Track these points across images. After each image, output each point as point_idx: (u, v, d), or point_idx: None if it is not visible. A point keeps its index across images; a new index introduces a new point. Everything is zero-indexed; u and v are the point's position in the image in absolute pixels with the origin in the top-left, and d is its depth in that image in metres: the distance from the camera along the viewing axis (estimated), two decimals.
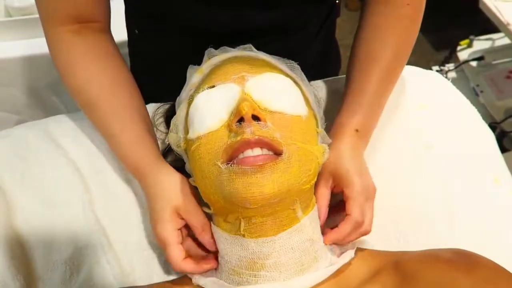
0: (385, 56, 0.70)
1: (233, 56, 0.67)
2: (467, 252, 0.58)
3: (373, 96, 0.70)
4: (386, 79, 0.71)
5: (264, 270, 0.57)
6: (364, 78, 0.70)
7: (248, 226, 0.58)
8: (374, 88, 0.70)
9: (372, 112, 0.70)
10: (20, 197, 0.69)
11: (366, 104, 0.69)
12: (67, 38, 0.68)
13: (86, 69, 0.68)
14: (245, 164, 0.54)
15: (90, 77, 0.68)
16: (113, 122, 0.68)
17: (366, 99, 0.69)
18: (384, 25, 0.71)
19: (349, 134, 0.68)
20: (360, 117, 0.69)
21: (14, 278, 0.64)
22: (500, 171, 0.76)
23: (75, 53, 0.68)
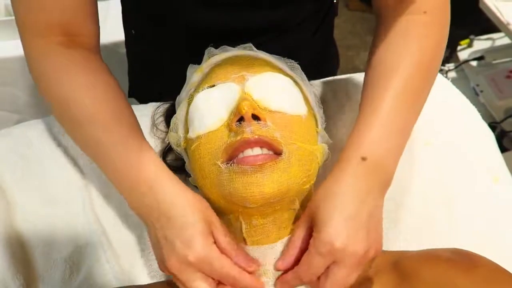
0: (401, 70, 0.58)
1: (233, 55, 0.67)
2: (466, 252, 0.58)
3: (388, 116, 0.56)
4: (405, 97, 0.58)
5: (266, 276, 0.57)
6: (377, 96, 0.57)
7: (248, 228, 0.57)
8: (389, 107, 0.56)
9: (388, 136, 0.56)
10: (20, 196, 0.69)
11: (378, 126, 0.56)
12: (50, 50, 0.60)
13: (72, 84, 0.59)
14: (245, 163, 0.54)
15: (78, 93, 0.59)
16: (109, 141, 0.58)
17: (379, 120, 0.56)
18: (398, 38, 0.60)
19: (352, 163, 0.54)
20: (369, 143, 0.55)
21: (14, 277, 0.64)
22: (499, 170, 0.76)
23: (59, 66, 0.60)
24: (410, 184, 0.74)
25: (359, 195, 0.52)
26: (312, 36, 0.85)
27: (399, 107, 0.57)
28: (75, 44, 0.61)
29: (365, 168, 0.54)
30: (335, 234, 0.50)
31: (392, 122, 0.56)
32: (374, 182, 0.54)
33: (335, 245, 0.49)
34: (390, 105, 0.57)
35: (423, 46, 0.60)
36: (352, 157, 0.54)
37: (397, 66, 0.58)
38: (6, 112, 1.26)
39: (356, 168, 0.54)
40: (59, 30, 0.59)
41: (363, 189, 0.53)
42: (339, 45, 1.01)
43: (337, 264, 0.51)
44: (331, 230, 0.50)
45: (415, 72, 0.59)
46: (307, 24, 0.82)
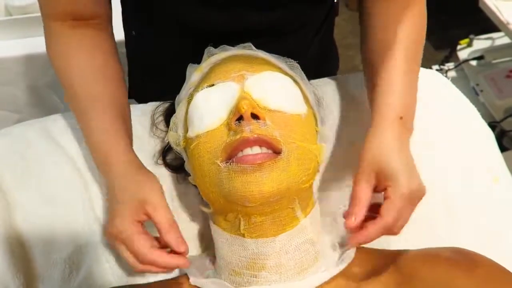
0: (404, 38, 0.66)
1: (233, 54, 0.67)
2: (467, 251, 0.58)
3: (403, 80, 0.65)
4: (412, 60, 0.67)
5: (265, 270, 0.57)
6: (388, 67, 0.65)
7: (247, 226, 0.58)
8: (404, 69, 0.65)
9: (410, 96, 0.65)
10: (20, 195, 0.69)
11: (400, 90, 0.64)
12: (61, 31, 0.67)
13: (76, 57, 0.67)
14: (244, 162, 0.54)
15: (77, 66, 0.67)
16: (88, 109, 0.66)
17: (398, 86, 0.64)
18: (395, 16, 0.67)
19: (394, 122, 0.61)
20: (400, 104, 0.63)
21: (14, 277, 0.64)
22: (499, 170, 0.76)
23: (67, 44, 0.68)
24: None
25: (404, 146, 0.61)
26: (312, 37, 0.85)
27: (410, 69, 0.66)
28: (87, 25, 0.68)
29: (403, 125, 0.62)
30: (409, 180, 0.57)
31: (409, 83, 0.66)
32: (407, 134, 0.63)
33: (413, 188, 0.57)
34: (404, 68, 0.65)
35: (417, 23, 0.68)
36: (393, 117, 0.62)
37: (399, 38, 0.66)
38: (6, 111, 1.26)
39: (398, 126, 0.62)
40: (72, 16, 0.67)
41: (404, 141, 0.62)
42: (339, 44, 1.01)
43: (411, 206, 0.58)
44: (404, 177, 0.57)
45: (414, 41, 0.68)
46: (308, 26, 0.83)
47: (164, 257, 0.58)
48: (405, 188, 0.56)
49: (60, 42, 0.68)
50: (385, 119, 0.62)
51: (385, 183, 0.58)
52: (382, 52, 0.66)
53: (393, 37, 0.66)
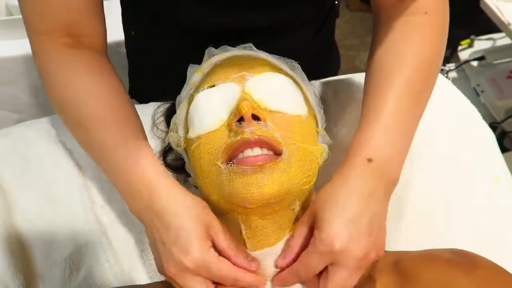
0: (403, 70, 0.58)
1: (233, 55, 0.66)
2: (466, 252, 0.58)
3: (392, 117, 0.56)
4: (408, 99, 0.57)
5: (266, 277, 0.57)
6: (379, 99, 0.57)
7: (249, 231, 0.57)
8: (392, 108, 0.56)
9: (393, 139, 0.56)
10: (20, 195, 0.69)
11: (382, 128, 0.55)
12: (56, 50, 0.61)
13: (76, 84, 0.60)
14: (245, 164, 0.54)
15: (82, 93, 0.60)
16: (111, 142, 0.58)
17: (383, 122, 0.56)
18: (399, 39, 0.60)
19: (358, 164, 0.53)
20: (375, 144, 0.55)
21: (14, 277, 0.64)
22: (500, 171, 0.76)
23: (64, 66, 0.61)
24: (411, 185, 0.74)
25: (363, 197, 0.52)
26: (313, 38, 0.85)
27: (402, 109, 0.57)
28: (81, 44, 0.62)
29: (371, 170, 0.53)
30: (335, 235, 0.50)
31: (396, 124, 0.56)
32: (379, 184, 0.53)
33: (335, 246, 0.49)
34: (393, 106, 0.56)
35: (424, 48, 0.60)
36: (357, 158, 0.54)
37: (399, 68, 0.58)
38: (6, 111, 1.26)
39: (362, 170, 0.53)
40: (65, 31, 0.61)
41: (367, 191, 0.52)
42: (339, 45, 1.01)
43: (336, 266, 0.50)
44: (332, 230, 0.50)
45: (417, 74, 0.58)
46: (308, 26, 0.82)
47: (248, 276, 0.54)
48: (327, 245, 0.49)
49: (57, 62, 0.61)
50: (349, 160, 0.55)
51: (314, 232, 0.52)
52: (379, 73, 0.59)
53: (394, 65, 0.58)
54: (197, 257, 0.51)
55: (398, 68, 0.58)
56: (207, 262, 0.51)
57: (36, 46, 0.62)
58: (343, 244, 0.49)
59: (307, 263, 0.52)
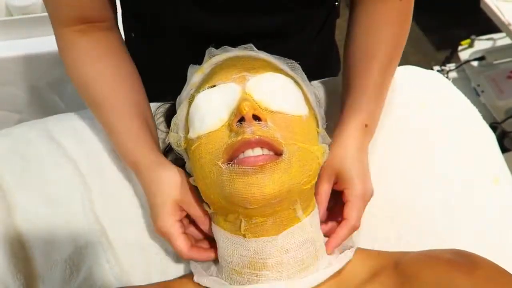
0: (382, 51, 0.70)
1: (234, 55, 0.66)
2: (467, 253, 0.58)
3: (375, 90, 0.69)
4: (386, 72, 0.71)
5: (266, 269, 0.57)
6: (365, 74, 0.70)
7: (248, 226, 0.58)
8: (375, 82, 0.69)
9: (376, 106, 0.70)
10: (21, 196, 0.69)
11: (371, 99, 0.69)
12: (72, 38, 0.69)
13: (90, 66, 0.69)
14: (246, 164, 0.54)
15: (94, 74, 0.69)
16: (114, 119, 0.69)
17: (370, 94, 0.69)
18: (379, 22, 0.71)
19: (358, 129, 0.67)
20: (367, 112, 0.68)
21: (14, 277, 0.64)
22: (500, 171, 0.76)
23: (80, 52, 0.69)
24: (411, 185, 0.74)
25: (364, 152, 0.67)
26: (313, 38, 0.85)
27: (382, 82, 0.71)
28: (95, 28, 0.70)
29: (366, 132, 0.68)
30: (364, 183, 0.64)
31: (379, 93, 0.70)
32: (367, 142, 0.69)
33: (367, 190, 0.64)
34: (376, 80, 0.70)
35: (399, 30, 0.72)
36: (358, 124, 0.67)
37: (379, 47, 0.70)
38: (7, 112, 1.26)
39: (361, 132, 0.67)
40: (80, 20, 0.68)
41: (364, 147, 0.67)
42: (340, 45, 1.00)
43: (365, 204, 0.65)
44: (359, 181, 0.63)
45: (393, 52, 0.71)
46: (308, 29, 0.83)
47: (200, 254, 0.63)
48: (360, 190, 0.63)
49: (73, 50, 0.69)
50: (351, 127, 0.67)
51: (343, 184, 0.64)
52: (361, 59, 0.71)
53: (372, 46, 0.71)
54: (161, 227, 0.63)
55: (377, 49, 0.70)
56: (168, 233, 0.63)
57: (57, 34, 0.70)
58: (370, 187, 0.65)
59: (358, 211, 0.63)
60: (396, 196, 0.73)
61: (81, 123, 0.77)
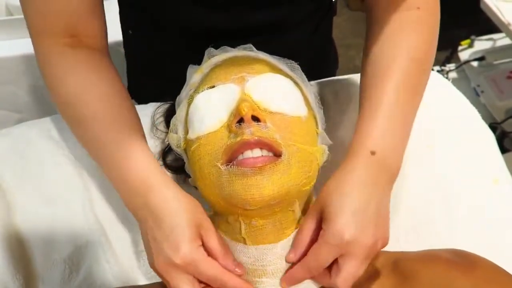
0: (400, 63, 0.60)
1: (233, 56, 0.66)
2: (466, 253, 0.58)
3: (391, 109, 0.58)
4: (406, 90, 0.59)
5: (265, 276, 0.57)
6: (378, 91, 0.59)
7: (248, 230, 0.57)
8: (391, 100, 0.58)
9: (394, 131, 0.57)
10: (20, 195, 0.69)
11: (383, 120, 0.57)
12: (57, 50, 0.63)
13: (76, 82, 0.62)
14: (245, 165, 0.54)
15: (81, 91, 0.62)
16: (109, 139, 0.60)
17: (383, 114, 0.57)
18: (394, 33, 0.62)
19: (362, 157, 0.55)
20: (377, 136, 0.56)
21: (13, 277, 0.64)
22: (500, 171, 0.76)
23: (65, 66, 0.63)
24: (411, 185, 0.74)
25: (368, 188, 0.54)
26: (311, 35, 0.85)
27: (400, 101, 0.59)
28: (81, 43, 0.63)
29: (374, 162, 0.55)
30: (344, 226, 0.51)
31: (395, 115, 0.58)
32: (382, 175, 0.55)
33: (345, 237, 0.50)
34: (392, 98, 0.58)
35: (418, 41, 0.62)
36: (361, 151, 0.56)
37: (395, 61, 0.60)
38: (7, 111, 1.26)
39: (365, 162, 0.55)
40: (65, 32, 0.62)
41: (371, 182, 0.54)
42: (339, 44, 1.01)
43: (347, 257, 0.51)
44: (341, 222, 0.51)
45: (413, 66, 0.60)
46: (306, 24, 0.82)
47: (234, 279, 0.54)
48: (336, 236, 0.51)
49: (58, 63, 0.63)
50: (352, 155, 0.56)
51: (323, 223, 0.53)
52: (373, 75, 0.61)
53: (387, 60, 0.60)
54: (186, 254, 0.52)
55: (394, 61, 0.60)
56: (195, 260, 0.52)
57: (37, 47, 0.63)
58: (352, 235, 0.50)
59: (318, 256, 0.52)
60: (396, 196, 0.72)
61: None
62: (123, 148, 0.59)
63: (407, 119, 0.60)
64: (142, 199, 0.56)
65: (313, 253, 0.53)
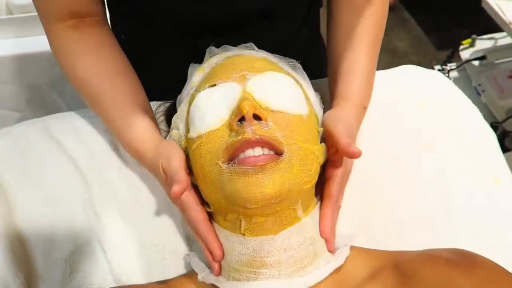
0: (368, 31, 0.71)
1: (234, 54, 0.66)
2: (467, 252, 0.58)
3: (366, 72, 0.71)
4: (374, 54, 0.72)
5: (264, 268, 0.57)
6: (354, 56, 0.70)
7: (248, 226, 0.58)
8: (366, 63, 0.71)
9: (368, 89, 0.71)
10: (21, 195, 0.69)
11: (363, 81, 0.70)
12: (64, 34, 0.69)
13: (84, 60, 0.69)
14: (246, 164, 0.54)
15: (89, 68, 0.69)
16: (114, 110, 0.69)
17: (362, 76, 0.70)
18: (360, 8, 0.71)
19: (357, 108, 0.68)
20: (364, 94, 0.70)
21: (14, 276, 0.64)
22: (501, 171, 0.76)
23: (72, 47, 0.69)
24: (411, 184, 0.74)
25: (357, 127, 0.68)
26: (300, 26, 0.86)
27: (371, 63, 0.72)
28: (86, 24, 0.70)
29: (363, 113, 0.70)
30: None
31: (370, 76, 0.72)
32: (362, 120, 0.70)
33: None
34: (366, 62, 0.71)
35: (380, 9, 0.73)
36: (358, 104, 0.68)
37: (364, 29, 0.71)
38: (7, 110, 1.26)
39: (359, 113, 0.69)
40: (70, 16, 0.69)
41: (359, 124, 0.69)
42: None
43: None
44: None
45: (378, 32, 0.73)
46: (295, 13, 0.83)
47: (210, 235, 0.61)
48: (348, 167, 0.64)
49: (66, 46, 0.70)
50: (351, 103, 0.68)
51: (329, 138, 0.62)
52: (346, 41, 0.71)
53: (358, 26, 0.71)
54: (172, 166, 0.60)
55: (363, 26, 0.71)
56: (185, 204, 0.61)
57: (47, 31, 0.70)
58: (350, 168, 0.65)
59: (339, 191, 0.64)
60: (396, 196, 0.73)
61: (81, 122, 0.77)
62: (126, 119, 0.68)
63: (373, 77, 0.73)
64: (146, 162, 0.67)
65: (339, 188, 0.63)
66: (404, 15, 2.44)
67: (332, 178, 0.62)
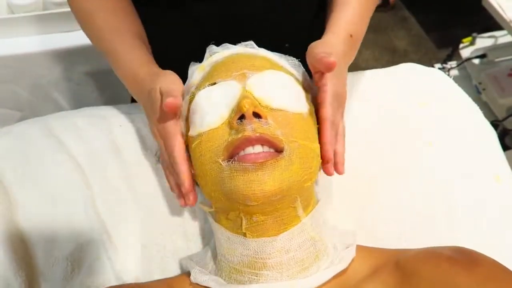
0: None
1: (234, 53, 0.67)
2: (467, 250, 0.58)
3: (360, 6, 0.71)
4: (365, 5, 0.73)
5: (266, 269, 0.57)
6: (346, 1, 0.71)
7: (249, 225, 0.58)
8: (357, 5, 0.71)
9: (361, 22, 0.71)
10: (22, 193, 0.69)
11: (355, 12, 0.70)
12: None
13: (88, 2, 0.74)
14: (246, 161, 0.54)
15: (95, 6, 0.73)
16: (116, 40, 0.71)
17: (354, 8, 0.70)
18: None
19: (344, 38, 0.66)
20: (352, 23, 0.69)
21: (16, 274, 0.64)
22: (501, 169, 0.76)
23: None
24: (412, 183, 0.74)
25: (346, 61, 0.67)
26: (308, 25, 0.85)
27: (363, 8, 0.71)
28: None
29: (351, 42, 0.68)
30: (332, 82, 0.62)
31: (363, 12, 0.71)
32: (350, 57, 0.69)
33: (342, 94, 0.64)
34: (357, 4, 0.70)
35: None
36: (344, 34, 0.67)
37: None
38: (8, 109, 1.26)
39: (347, 44, 0.67)
40: None
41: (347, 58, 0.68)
42: None
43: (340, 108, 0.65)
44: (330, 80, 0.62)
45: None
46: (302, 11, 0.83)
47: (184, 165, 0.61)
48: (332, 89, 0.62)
49: None
50: (337, 35, 0.66)
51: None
52: None
53: None
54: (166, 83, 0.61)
55: None
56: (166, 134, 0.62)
57: None
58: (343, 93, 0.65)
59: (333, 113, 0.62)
60: (397, 194, 0.73)
61: (82, 120, 0.77)
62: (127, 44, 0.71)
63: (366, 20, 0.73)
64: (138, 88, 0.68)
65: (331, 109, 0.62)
66: (404, 14, 2.44)
67: (322, 102, 0.61)
